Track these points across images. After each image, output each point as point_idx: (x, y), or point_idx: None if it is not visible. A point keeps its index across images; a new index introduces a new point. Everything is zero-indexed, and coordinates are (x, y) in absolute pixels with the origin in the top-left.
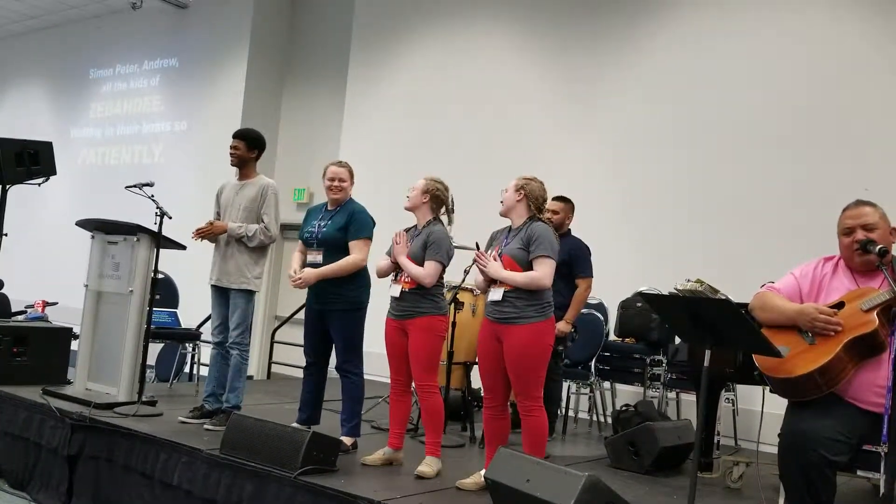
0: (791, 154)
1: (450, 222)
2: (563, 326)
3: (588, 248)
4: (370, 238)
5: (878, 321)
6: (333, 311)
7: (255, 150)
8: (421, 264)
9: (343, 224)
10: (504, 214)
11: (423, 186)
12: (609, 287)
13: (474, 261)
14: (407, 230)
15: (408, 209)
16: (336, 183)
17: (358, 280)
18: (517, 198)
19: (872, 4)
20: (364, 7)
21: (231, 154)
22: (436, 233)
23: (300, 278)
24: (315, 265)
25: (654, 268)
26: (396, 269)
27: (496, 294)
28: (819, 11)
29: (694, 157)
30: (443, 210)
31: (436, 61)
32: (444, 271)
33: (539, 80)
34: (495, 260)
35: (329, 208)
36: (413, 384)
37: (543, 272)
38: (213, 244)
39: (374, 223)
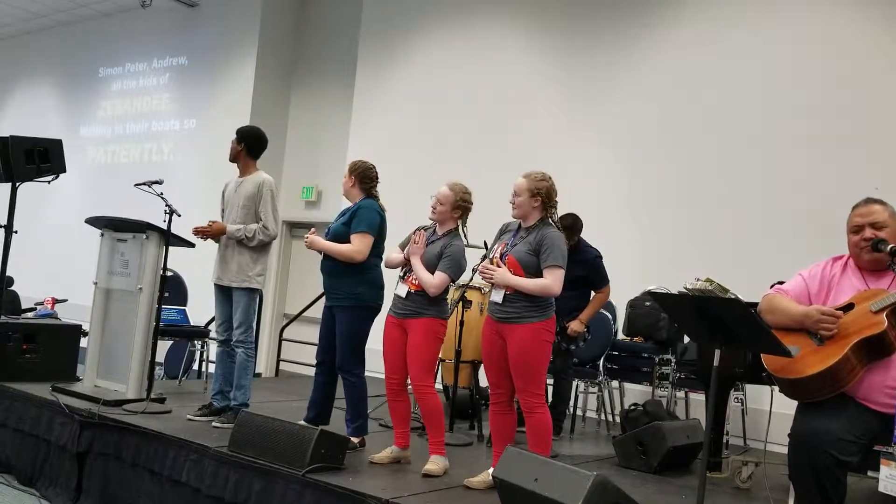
0: (800, 153)
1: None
2: (577, 326)
3: (600, 256)
4: (368, 233)
5: (887, 322)
6: (337, 307)
7: (243, 144)
8: (432, 270)
9: (348, 219)
10: (519, 218)
11: (453, 202)
12: (618, 286)
13: (474, 270)
14: (425, 228)
15: (437, 220)
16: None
17: (359, 275)
18: (534, 203)
19: (879, 4)
20: (372, 5)
21: (229, 151)
22: (454, 246)
23: (310, 238)
24: (323, 260)
25: (662, 267)
26: (405, 266)
27: (497, 296)
28: (825, 11)
29: (702, 156)
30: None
31: (444, 60)
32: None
33: (547, 80)
34: (498, 263)
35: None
36: (409, 384)
37: (554, 281)
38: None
39: (380, 219)
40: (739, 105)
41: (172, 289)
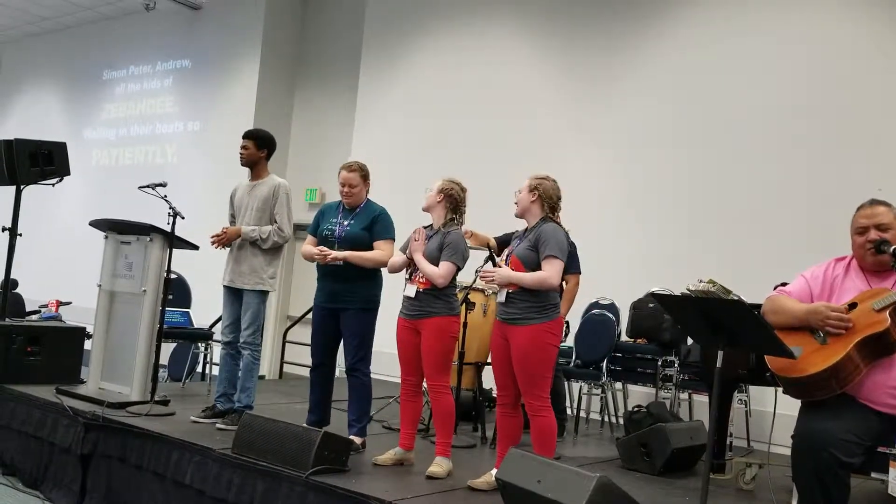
0: (803, 154)
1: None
2: None
3: (574, 245)
4: (394, 239)
5: (890, 321)
6: (349, 309)
7: (265, 150)
8: (436, 264)
9: (368, 224)
10: (520, 216)
11: (439, 186)
12: (621, 287)
13: (477, 272)
14: (424, 228)
15: (424, 209)
16: (346, 189)
17: (375, 279)
18: (531, 198)
19: (884, 4)
20: (375, 7)
21: (241, 154)
22: (452, 235)
23: (329, 253)
24: (335, 263)
25: (666, 268)
26: (409, 266)
27: (501, 295)
28: (829, 11)
29: (707, 156)
30: (459, 211)
31: (446, 61)
32: (457, 273)
33: (551, 80)
34: (501, 265)
35: (347, 208)
36: (425, 384)
37: (550, 272)
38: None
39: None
40: (740, 105)
41: (176, 291)
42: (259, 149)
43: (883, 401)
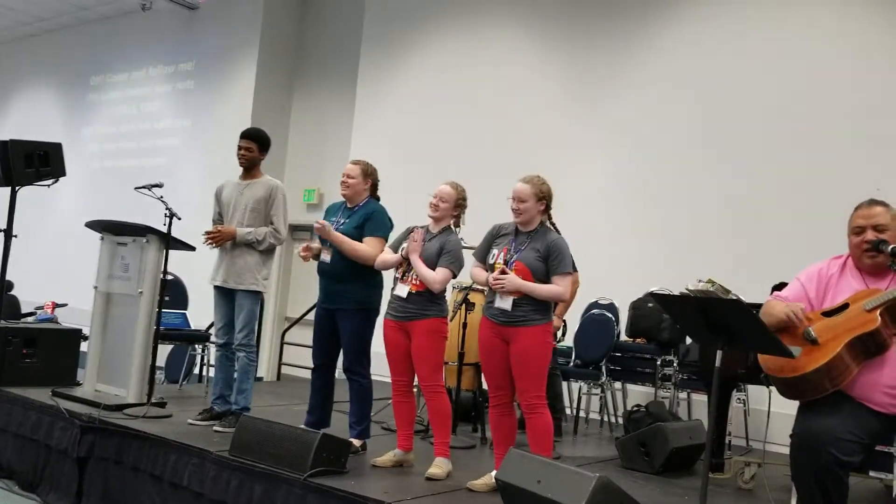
0: (803, 154)
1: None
2: (555, 321)
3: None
4: (385, 238)
5: (880, 320)
6: (342, 310)
7: (265, 152)
8: (433, 268)
9: (360, 222)
10: (524, 224)
11: (455, 200)
12: (620, 287)
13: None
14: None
15: (436, 219)
16: (344, 179)
17: (371, 280)
18: (540, 207)
19: (885, 4)
20: (374, 8)
21: (242, 155)
22: (452, 241)
23: (322, 226)
24: (325, 263)
25: (665, 268)
26: (402, 266)
27: (506, 303)
28: (830, 11)
29: (707, 156)
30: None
31: (446, 62)
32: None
33: (552, 80)
34: (504, 270)
35: (348, 206)
36: (418, 385)
37: (566, 288)
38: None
39: (391, 225)
40: (740, 105)
41: (173, 292)
42: (261, 151)
43: (878, 400)
